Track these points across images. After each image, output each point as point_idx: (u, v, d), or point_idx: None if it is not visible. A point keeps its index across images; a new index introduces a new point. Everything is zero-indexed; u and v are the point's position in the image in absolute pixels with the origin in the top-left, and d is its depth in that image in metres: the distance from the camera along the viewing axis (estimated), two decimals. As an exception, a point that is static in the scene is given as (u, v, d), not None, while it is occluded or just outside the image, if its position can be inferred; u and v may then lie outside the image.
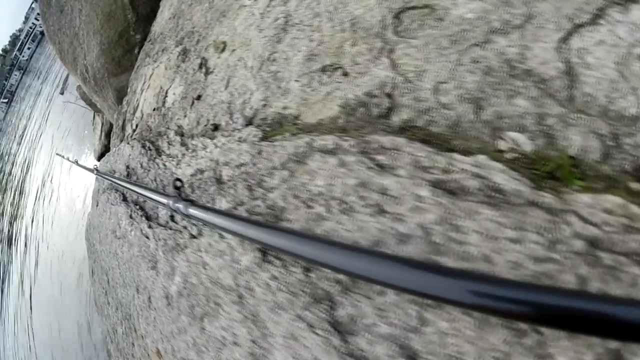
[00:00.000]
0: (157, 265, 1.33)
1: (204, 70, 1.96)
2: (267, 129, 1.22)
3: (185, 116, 2.00)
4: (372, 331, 0.63)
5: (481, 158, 0.81)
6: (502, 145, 0.89)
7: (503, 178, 0.74)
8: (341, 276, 0.69)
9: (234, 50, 1.73)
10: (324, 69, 1.21)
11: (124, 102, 3.64)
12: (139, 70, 3.42)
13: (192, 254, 1.04)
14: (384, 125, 1.00)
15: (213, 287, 0.93)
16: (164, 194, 1.10)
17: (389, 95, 1.03)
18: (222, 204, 1.08)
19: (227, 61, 1.74)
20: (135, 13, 4.55)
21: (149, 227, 1.51)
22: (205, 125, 1.70)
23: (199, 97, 1.88)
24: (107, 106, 5.31)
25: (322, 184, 0.79)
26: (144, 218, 1.63)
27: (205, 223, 0.85)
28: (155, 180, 1.76)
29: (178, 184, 0.97)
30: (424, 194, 0.72)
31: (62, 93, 24.09)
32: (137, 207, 1.81)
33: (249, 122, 1.37)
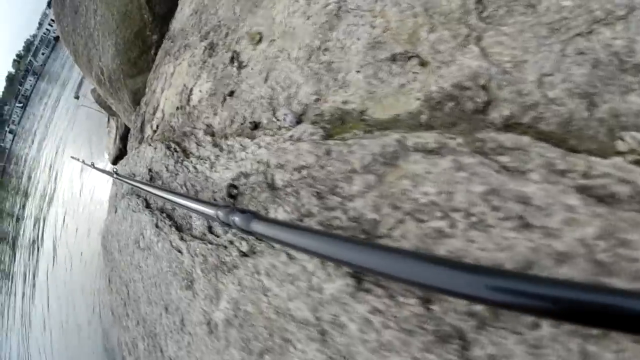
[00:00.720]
0: (193, 285, 1.16)
1: (236, 64, 1.80)
2: (327, 126, 1.05)
3: (215, 114, 1.84)
4: (522, 372, 0.49)
5: (618, 160, 0.67)
6: (621, 146, 0.76)
7: (650, 183, 0.60)
8: (478, 307, 0.52)
9: (272, 40, 1.56)
10: (394, 58, 1.03)
11: (142, 103, 3.51)
12: (158, 69, 3.29)
13: (247, 276, 0.86)
14: (484, 122, 0.82)
15: (279, 319, 0.75)
16: (209, 203, 0.93)
17: (484, 88, 0.86)
18: (279, 213, 0.90)
19: (265, 53, 1.58)
20: (151, 13, 4.44)
21: (181, 239, 1.34)
22: (242, 124, 1.53)
23: (231, 93, 1.72)
24: (122, 108, 5.21)
25: (433, 191, 0.62)
26: (173, 228, 1.47)
27: (278, 242, 0.68)
28: (184, 185, 1.60)
29: (234, 191, 0.80)
30: (573, 202, 0.57)
31: (76, 97, 24.36)
32: (164, 215, 1.65)
33: (299, 120, 1.20)
